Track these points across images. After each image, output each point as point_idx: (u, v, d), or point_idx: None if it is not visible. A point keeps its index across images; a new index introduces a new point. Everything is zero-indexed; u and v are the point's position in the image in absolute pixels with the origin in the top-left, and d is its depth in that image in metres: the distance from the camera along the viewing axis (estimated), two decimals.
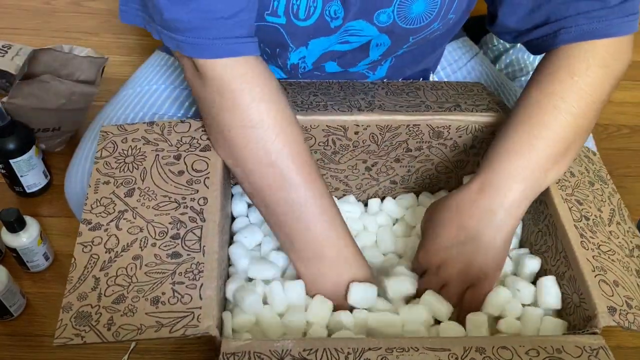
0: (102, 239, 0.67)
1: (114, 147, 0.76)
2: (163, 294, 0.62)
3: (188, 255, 0.66)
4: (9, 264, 1.10)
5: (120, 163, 0.74)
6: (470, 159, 0.88)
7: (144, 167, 0.73)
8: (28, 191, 1.22)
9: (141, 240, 0.67)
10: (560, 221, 0.72)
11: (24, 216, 1.05)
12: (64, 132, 1.28)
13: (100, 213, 0.69)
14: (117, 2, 0.72)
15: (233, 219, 0.85)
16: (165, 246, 0.66)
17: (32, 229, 1.06)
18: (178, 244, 0.66)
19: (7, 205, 1.15)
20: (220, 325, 0.66)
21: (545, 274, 0.75)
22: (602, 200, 0.78)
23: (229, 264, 0.79)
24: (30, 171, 1.18)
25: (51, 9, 1.70)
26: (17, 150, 1.14)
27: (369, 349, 0.60)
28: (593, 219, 0.74)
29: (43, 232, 1.09)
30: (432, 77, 1.00)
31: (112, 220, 0.68)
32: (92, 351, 1.03)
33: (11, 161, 1.15)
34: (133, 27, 1.61)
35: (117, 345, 1.03)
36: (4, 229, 1.05)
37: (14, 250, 1.06)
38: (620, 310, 0.65)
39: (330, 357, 0.60)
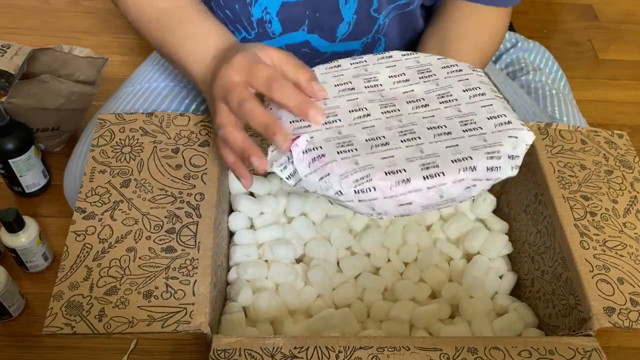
0: (95, 228, 0.66)
1: (111, 136, 0.76)
2: (156, 288, 0.62)
3: (183, 250, 0.65)
4: (8, 264, 1.09)
5: (117, 152, 0.74)
6: None
7: (141, 159, 0.73)
8: (27, 191, 1.22)
9: (136, 233, 0.66)
10: (559, 221, 0.72)
11: (23, 216, 1.04)
12: (63, 132, 1.28)
13: (95, 202, 0.69)
14: None
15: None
16: (160, 240, 0.66)
17: (31, 229, 1.06)
18: (173, 238, 0.66)
19: (6, 205, 1.14)
20: (214, 322, 0.65)
21: (542, 276, 0.75)
22: (620, 190, 0.77)
23: (229, 265, 0.79)
24: (29, 171, 1.18)
25: (50, 9, 1.70)
26: (16, 150, 1.13)
27: (360, 347, 0.60)
28: (602, 214, 0.74)
29: (42, 232, 1.09)
30: None
31: (106, 210, 0.68)
32: (91, 351, 1.02)
33: (10, 161, 1.14)
34: (132, 27, 1.60)
35: (116, 346, 1.02)
36: (3, 229, 1.04)
37: (13, 250, 1.06)
38: (620, 309, 0.64)
39: (321, 355, 0.59)
